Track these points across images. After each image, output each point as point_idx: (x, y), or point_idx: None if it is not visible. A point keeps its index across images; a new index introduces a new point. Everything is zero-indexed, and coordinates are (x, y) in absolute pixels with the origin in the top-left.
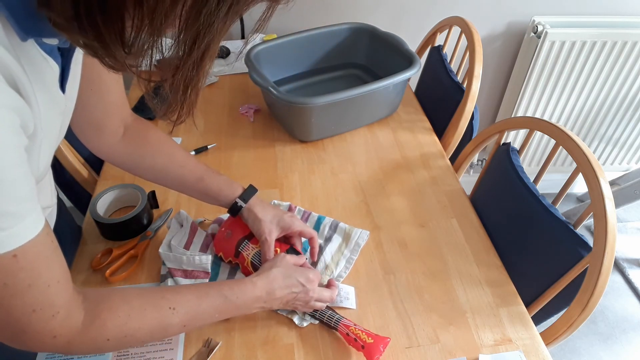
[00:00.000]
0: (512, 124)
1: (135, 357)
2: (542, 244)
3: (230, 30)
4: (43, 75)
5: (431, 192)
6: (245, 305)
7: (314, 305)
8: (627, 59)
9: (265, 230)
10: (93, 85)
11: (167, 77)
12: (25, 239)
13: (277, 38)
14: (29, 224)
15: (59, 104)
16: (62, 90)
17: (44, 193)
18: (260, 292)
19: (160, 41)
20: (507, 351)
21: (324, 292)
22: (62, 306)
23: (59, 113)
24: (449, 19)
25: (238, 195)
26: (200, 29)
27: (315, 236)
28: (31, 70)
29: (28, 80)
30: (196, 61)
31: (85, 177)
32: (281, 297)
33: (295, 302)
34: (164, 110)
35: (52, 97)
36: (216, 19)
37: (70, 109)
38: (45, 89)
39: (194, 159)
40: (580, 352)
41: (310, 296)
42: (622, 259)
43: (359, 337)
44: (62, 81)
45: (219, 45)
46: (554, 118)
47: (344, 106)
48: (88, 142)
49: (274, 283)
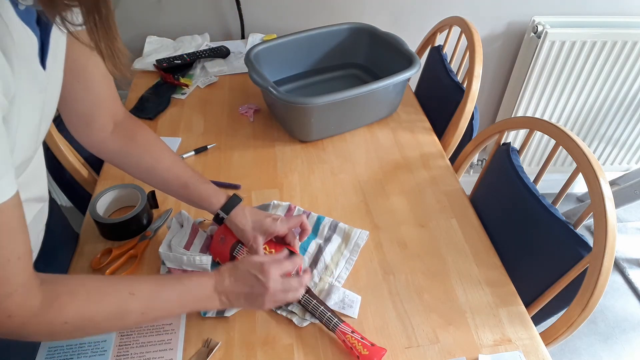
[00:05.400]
0: (512, 124)
1: (135, 357)
2: (542, 244)
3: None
4: (22, 43)
5: (431, 192)
6: (203, 294)
7: (284, 297)
8: (627, 59)
9: (249, 238)
10: (79, 77)
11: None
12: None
13: (277, 38)
14: (0, 187)
15: (39, 79)
16: (43, 66)
17: (37, 184)
18: (213, 279)
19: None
20: (507, 351)
21: (291, 282)
22: (20, 285)
23: (40, 89)
24: (449, 19)
25: (221, 206)
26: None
27: (297, 243)
28: (13, 33)
29: (12, 41)
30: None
31: (85, 177)
32: (237, 290)
33: (259, 298)
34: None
35: (31, 70)
36: None
37: (53, 91)
38: (24, 58)
39: (181, 163)
40: (580, 352)
41: (270, 288)
42: (622, 259)
43: (355, 347)
44: (42, 56)
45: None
46: (554, 118)
47: (343, 106)
48: (78, 135)
49: (226, 273)
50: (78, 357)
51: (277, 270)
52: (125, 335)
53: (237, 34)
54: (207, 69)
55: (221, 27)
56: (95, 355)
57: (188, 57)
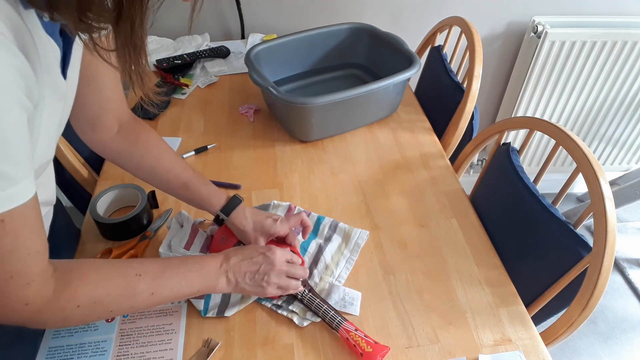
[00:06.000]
0: (512, 124)
1: (135, 357)
2: (542, 244)
3: (230, 30)
4: (45, 54)
5: (431, 192)
6: (209, 273)
7: (288, 284)
8: (627, 59)
9: (250, 239)
10: (90, 82)
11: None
12: (14, 204)
13: (277, 38)
14: (21, 190)
15: (60, 88)
16: (64, 76)
17: (47, 189)
18: (220, 257)
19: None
20: (507, 351)
21: (297, 269)
22: (38, 274)
23: (60, 98)
24: (449, 19)
25: (221, 208)
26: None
27: (298, 243)
28: (38, 44)
29: (36, 51)
30: (129, 31)
31: (85, 177)
32: (243, 269)
33: (265, 277)
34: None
35: (53, 79)
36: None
37: (70, 99)
38: (47, 68)
39: (182, 164)
40: (580, 352)
41: (277, 265)
42: (622, 259)
43: (358, 344)
44: (63, 66)
45: (146, 16)
46: (554, 118)
47: (343, 106)
48: (83, 135)
49: (232, 252)
50: (78, 357)
51: (283, 253)
52: (125, 335)
53: (237, 34)
54: (207, 69)
55: (221, 27)
56: (95, 355)
57: (188, 57)
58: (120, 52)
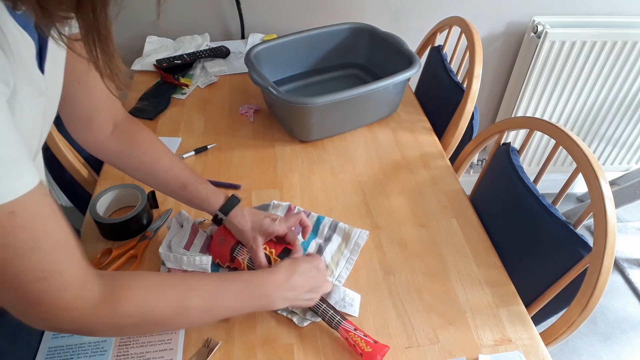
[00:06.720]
0: (512, 124)
1: (135, 357)
2: (542, 244)
3: (230, 30)
4: (18, 47)
5: (431, 192)
6: (268, 292)
7: (320, 292)
8: (627, 59)
9: (249, 239)
10: (79, 79)
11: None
12: (20, 192)
13: (277, 38)
14: (23, 176)
15: (38, 83)
16: (41, 70)
17: None
18: (281, 275)
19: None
20: (507, 351)
21: (327, 283)
22: (75, 276)
23: (40, 93)
24: (449, 19)
25: (219, 207)
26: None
27: (299, 242)
28: (8, 35)
29: (7, 43)
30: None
31: (85, 177)
32: (301, 283)
33: (318, 290)
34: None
35: (29, 72)
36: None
37: (54, 95)
38: (21, 60)
39: (180, 164)
40: (580, 352)
41: (324, 279)
42: (622, 259)
43: (358, 344)
44: (40, 60)
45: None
46: (554, 118)
47: (344, 106)
48: (77, 136)
49: (295, 266)
50: (78, 357)
51: (321, 260)
52: None
53: (237, 34)
54: (207, 69)
55: (221, 27)
56: (95, 355)
57: (188, 57)
58: (84, 40)
